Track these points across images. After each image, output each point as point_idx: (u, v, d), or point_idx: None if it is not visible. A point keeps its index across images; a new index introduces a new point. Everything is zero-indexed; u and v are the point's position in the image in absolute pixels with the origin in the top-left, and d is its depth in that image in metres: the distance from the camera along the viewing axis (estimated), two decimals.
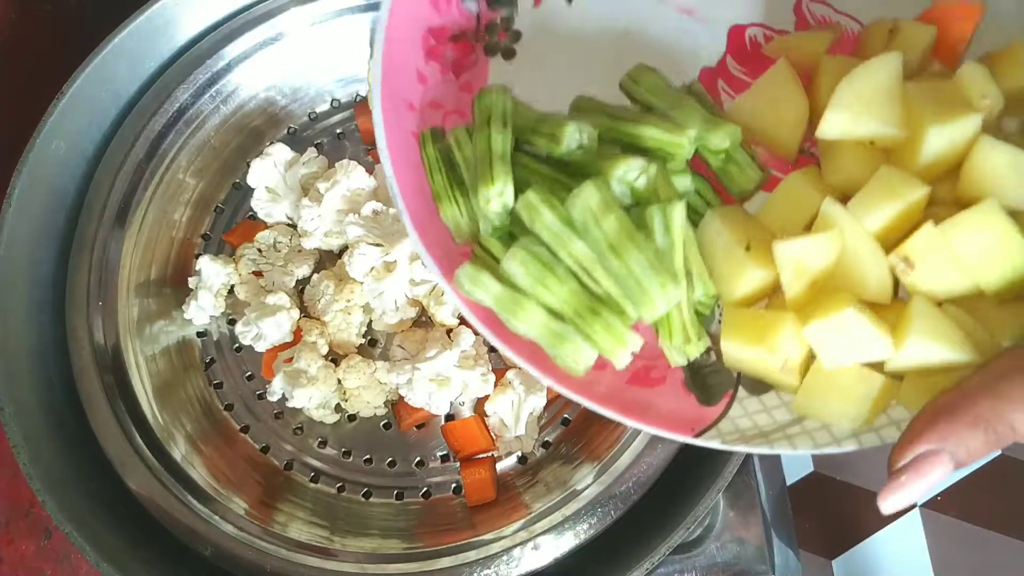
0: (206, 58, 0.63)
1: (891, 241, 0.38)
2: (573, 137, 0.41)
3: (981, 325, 0.37)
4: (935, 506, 0.82)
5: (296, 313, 0.61)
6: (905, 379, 0.39)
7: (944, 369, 0.37)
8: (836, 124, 0.40)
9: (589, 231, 0.39)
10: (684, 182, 0.42)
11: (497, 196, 0.39)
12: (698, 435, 0.39)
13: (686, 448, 0.54)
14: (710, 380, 0.41)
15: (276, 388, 0.59)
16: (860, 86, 0.39)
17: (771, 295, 0.42)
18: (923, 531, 0.81)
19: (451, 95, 0.44)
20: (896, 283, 0.39)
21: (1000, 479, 0.82)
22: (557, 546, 0.52)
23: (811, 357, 0.40)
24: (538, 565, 0.52)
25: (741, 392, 0.41)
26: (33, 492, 0.51)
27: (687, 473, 0.53)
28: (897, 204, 0.37)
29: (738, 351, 0.40)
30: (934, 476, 0.34)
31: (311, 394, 0.58)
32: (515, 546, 0.52)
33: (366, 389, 0.60)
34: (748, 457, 0.58)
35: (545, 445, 0.61)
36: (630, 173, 0.40)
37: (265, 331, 0.60)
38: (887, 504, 0.35)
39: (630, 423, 0.39)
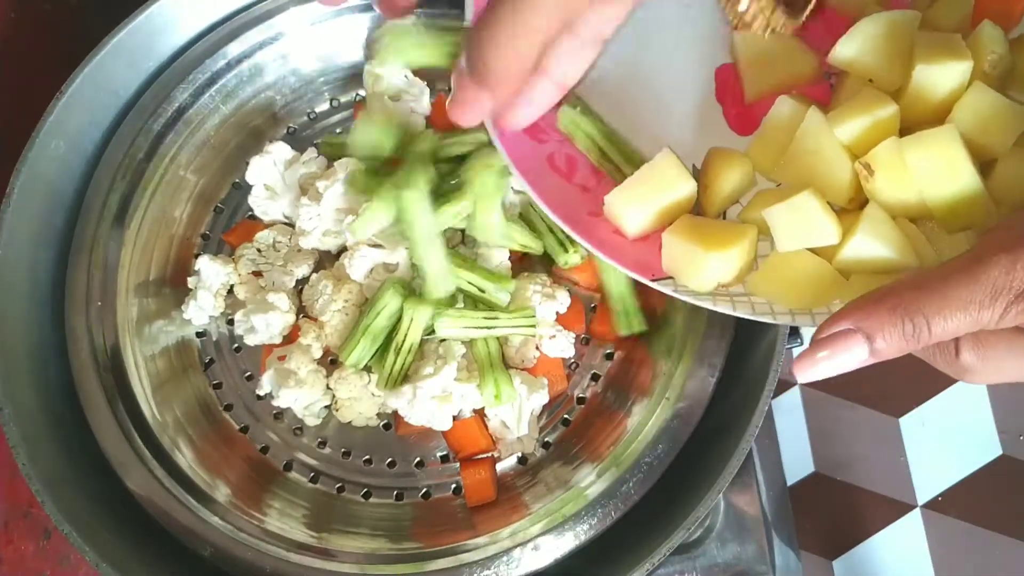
0: (206, 58, 0.63)
1: (863, 153, 0.43)
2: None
3: (930, 242, 0.42)
4: (936, 506, 0.82)
5: (292, 317, 0.61)
6: (851, 278, 0.43)
7: (886, 271, 0.41)
8: (843, 53, 0.46)
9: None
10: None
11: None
12: (654, 280, 0.44)
13: (687, 448, 0.54)
14: None
15: (265, 383, 0.59)
16: (873, 29, 0.45)
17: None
18: (924, 532, 0.81)
19: None
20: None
21: (1000, 479, 0.82)
22: (557, 546, 0.52)
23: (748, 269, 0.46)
24: (538, 565, 0.52)
25: None
26: (32, 492, 0.51)
27: (687, 473, 0.53)
28: (867, 118, 0.42)
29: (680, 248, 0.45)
30: (849, 355, 0.36)
31: (297, 396, 0.58)
32: (515, 547, 0.52)
33: (358, 400, 0.60)
34: (748, 457, 0.58)
35: (545, 445, 0.61)
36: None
37: (256, 325, 0.60)
38: (798, 372, 0.37)
39: (600, 255, 0.44)
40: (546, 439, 0.61)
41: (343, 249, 0.62)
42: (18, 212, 0.56)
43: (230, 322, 0.64)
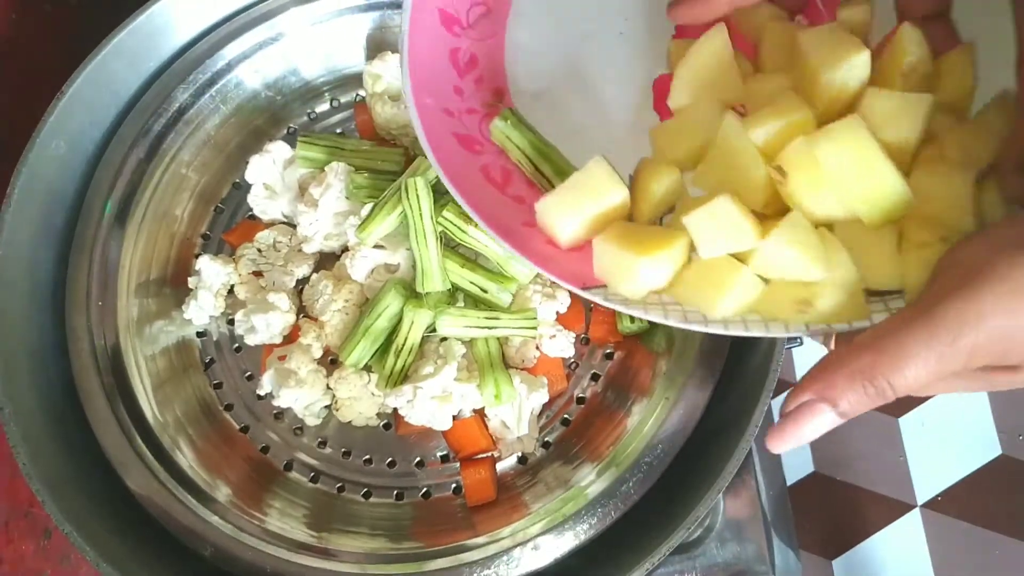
0: (206, 58, 0.63)
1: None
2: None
3: (858, 259, 0.40)
4: (935, 506, 0.82)
5: (292, 317, 0.61)
6: (770, 284, 0.42)
7: (800, 278, 0.40)
8: (675, 100, 0.47)
9: None
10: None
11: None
12: (585, 288, 0.43)
13: (687, 448, 0.54)
14: None
15: (265, 383, 0.59)
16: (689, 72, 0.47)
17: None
18: (923, 531, 0.81)
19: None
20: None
21: (1000, 479, 0.82)
22: (557, 546, 0.52)
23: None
24: (538, 565, 0.52)
25: None
26: (32, 492, 0.51)
27: (687, 473, 0.53)
28: (780, 121, 0.41)
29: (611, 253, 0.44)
30: (815, 423, 0.36)
31: (298, 395, 0.58)
32: (515, 546, 0.52)
33: (358, 400, 0.60)
34: (748, 457, 0.58)
35: (545, 445, 0.61)
36: None
37: (256, 325, 0.60)
38: (771, 444, 0.37)
39: (533, 265, 0.43)
40: (546, 439, 0.61)
41: (344, 249, 0.63)
42: (19, 212, 0.56)
43: (230, 322, 0.64)
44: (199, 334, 0.64)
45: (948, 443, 0.83)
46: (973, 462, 0.83)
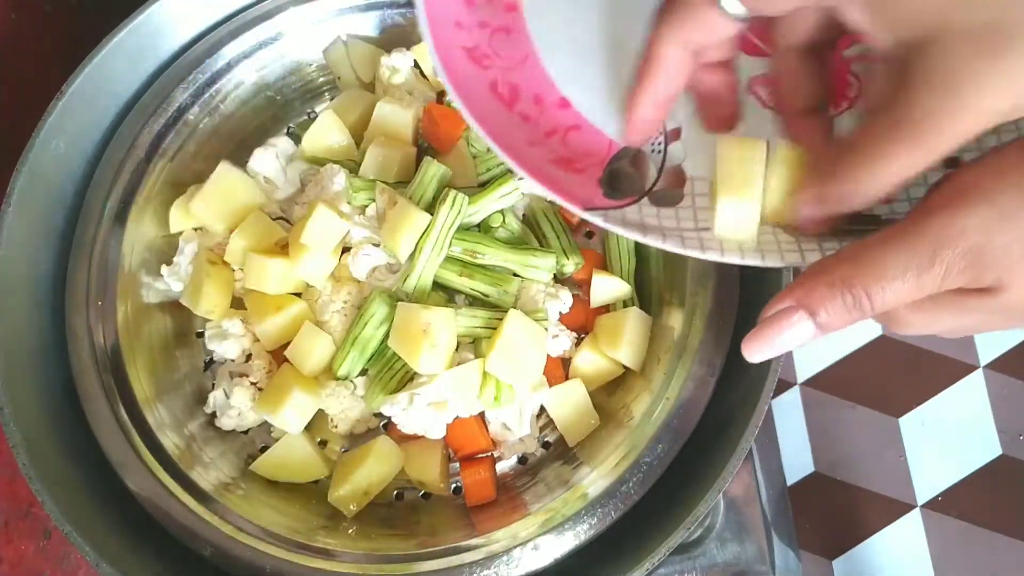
0: (206, 58, 0.63)
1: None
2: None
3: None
4: (935, 506, 0.82)
5: (246, 342, 0.61)
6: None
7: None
8: None
9: None
10: None
11: None
12: (587, 210, 0.43)
13: (687, 448, 0.54)
14: (622, 184, 0.46)
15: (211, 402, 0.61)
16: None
17: None
18: (924, 531, 0.81)
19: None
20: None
21: (1000, 479, 0.82)
22: (557, 546, 0.52)
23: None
24: (538, 565, 0.52)
25: (644, 201, 0.45)
26: (32, 492, 0.51)
27: (687, 473, 0.53)
28: None
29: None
30: (792, 332, 0.36)
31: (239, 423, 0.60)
32: (515, 546, 0.52)
33: (351, 410, 0.60)
34: (749, 457, 0.58)
35: (545, 445, 0.61)
36: None
37: (217, 351, 0.61)
38: (747, 351, 0.37)
39: (536, 184, 0.43)
40: (546, 439, 0.61)
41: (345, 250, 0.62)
42: (18, 212, 0.56)
43: None
44: (199, 334, 0.64)
45: (948, 443, 0.83)
46: (973, 462, 0.83)
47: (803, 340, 0.36)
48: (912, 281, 0.33)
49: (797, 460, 0.83)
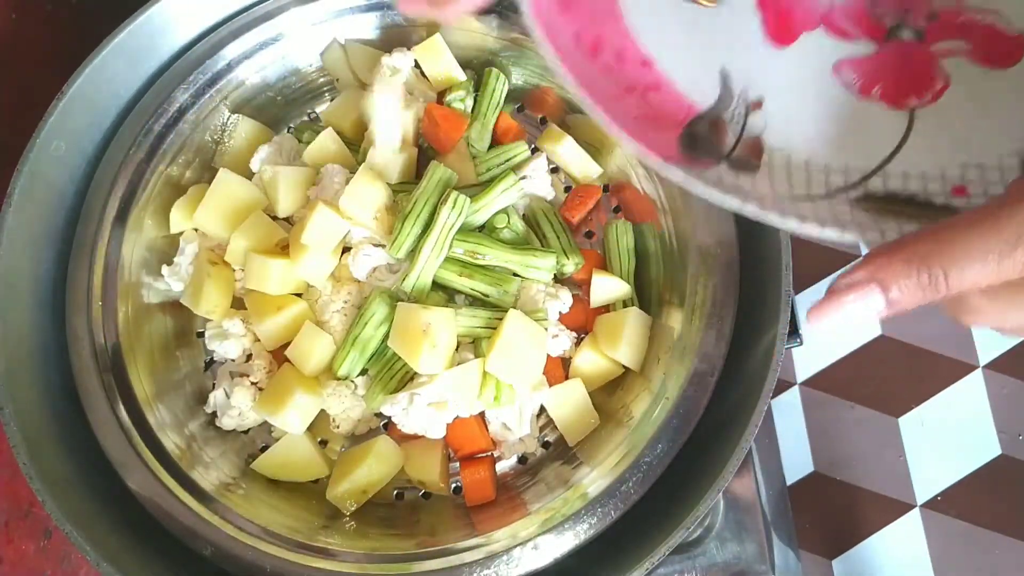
0: (206, 58, 0.63)
1: None
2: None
3: None
4: (935, 506, 0.82)
5: (247, 342, 0.61)
6: None
7: None
8: None
9: None
10: None
11: None
12: (667, 161, 0.42)
13: (687, 448, 0.54)
14: (699, 147, 0.45)
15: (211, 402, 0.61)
16: None
17: None
18: (923, 531, 0.81)
19: None
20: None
21: (1000, 479, 0.82)
22: (557, 546, 0.52)
23: None
24: (538, 565, 0.52)
25: (723, 165, 0.45)
26: (33, 492, 0.51)
27: (687, 473, 0.53)
28: None
29: None
30: (861, 304, 0.35)
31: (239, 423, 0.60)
32: (515, 546, 0.52)
33: (352, 410, 0.60)
34: (748, 457, 0.58)
35: (545, 445, 0.61)
36: None
37: (218, 351, 0.61)
38: (810, 316, 0.36)
39: (616, 130, 0.42)
40: (546, 438, 0.61)
41: (345, 250, 0.62)
42: (19, 212, 0.56)
43: None
44: (199, 334, 0.64)
45: (948, 443, 0.83)
46: (973, 462, 0.83)
47: (870, 314, 0.35)
48: (993, 264, 0.32)
49: (797, 460, 0.83)
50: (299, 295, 0.61)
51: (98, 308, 0.58)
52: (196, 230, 0.63)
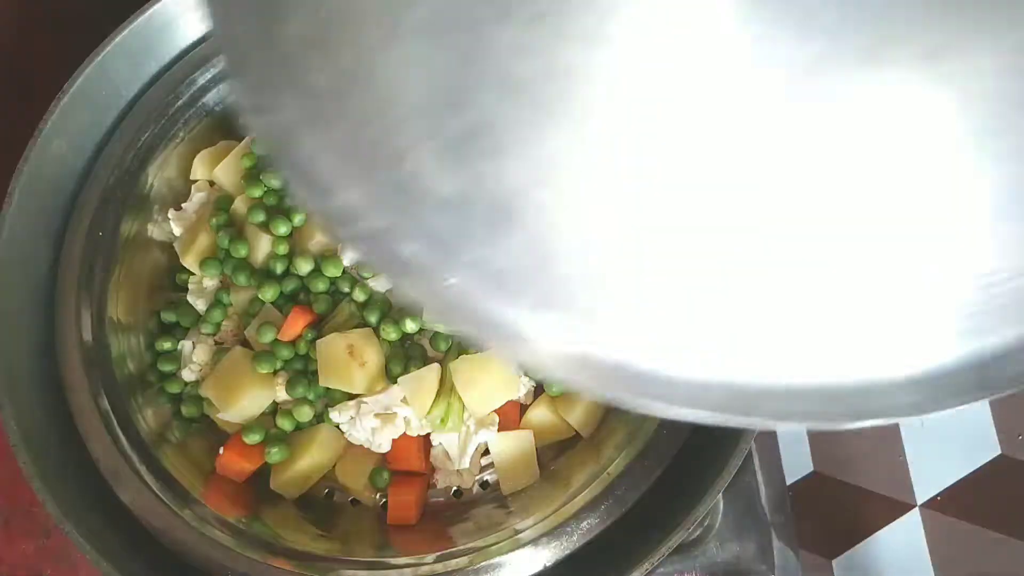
0: (208, 58, 0.63)
1: None
2: None
3: None
4: (935, 506, 0.82)
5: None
6: None
7: None
8: None
9: None
10: None
11: None
12: None
13: (687, 448, 0.54)
14: None
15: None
16: None
17: None
18: (923, 531, 0.81)
19: None
20: None
21: (999, 479, 0.82)
22: (555, 546, 0.52)
23: None
24: (537, 567, 0.52)
25: None
26: (33, 492, 0.51)
27: (687, 473, 0.53)
28: None
29: None
30: None
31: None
32: (514, 548, 0.52)
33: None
34: (748, 457, 0.58)
35: (483, 485, 0.60)
36: None
37: (200, 308, 0.61)
38: None
39: None
40: (485, 479, 0.60)
41: None
42: (19, 212, 0.56)
43: None
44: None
45: (948, 443, 0.83)
46: (973, 462, 0.83)
47: None
48: None
49: (797, 460, 0.83)
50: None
51: (87, 308, 0.58)
52: (212, 183, 0.63)
